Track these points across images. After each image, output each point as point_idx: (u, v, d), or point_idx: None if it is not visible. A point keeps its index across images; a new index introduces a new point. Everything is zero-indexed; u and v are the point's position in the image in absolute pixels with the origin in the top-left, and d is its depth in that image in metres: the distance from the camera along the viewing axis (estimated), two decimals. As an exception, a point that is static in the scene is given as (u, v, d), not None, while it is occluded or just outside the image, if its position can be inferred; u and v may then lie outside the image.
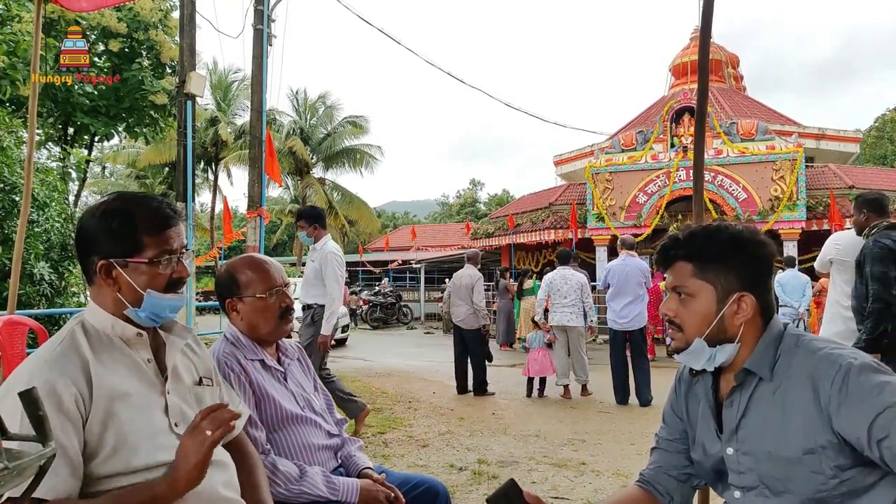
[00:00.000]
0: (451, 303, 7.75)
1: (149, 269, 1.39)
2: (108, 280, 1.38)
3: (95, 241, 1.39)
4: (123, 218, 1.38)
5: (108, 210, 1.40)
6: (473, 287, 7.44)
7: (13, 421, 0.84)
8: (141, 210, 1.40)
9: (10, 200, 6.68)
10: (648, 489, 1.52)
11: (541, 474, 4.23)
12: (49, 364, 1.27)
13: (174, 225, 1.43)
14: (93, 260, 1.39)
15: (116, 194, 1.46)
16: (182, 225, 1.47)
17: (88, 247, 1.40)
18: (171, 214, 1.44)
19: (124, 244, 1.37)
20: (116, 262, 1.37)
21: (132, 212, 1.39)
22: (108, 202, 1.42)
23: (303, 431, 1.94)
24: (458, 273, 7.79)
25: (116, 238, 1.37)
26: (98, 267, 1.38)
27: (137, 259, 1.38)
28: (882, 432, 1.14)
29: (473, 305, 7.43)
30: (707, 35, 2.66)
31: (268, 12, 9.80)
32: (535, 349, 7.30)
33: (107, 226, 1.38)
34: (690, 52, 19.97)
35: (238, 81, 27.75)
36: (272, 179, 9.70)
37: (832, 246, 3.94)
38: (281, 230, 37.92)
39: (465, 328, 7.55)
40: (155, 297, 1.39)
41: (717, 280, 1.34)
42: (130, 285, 1.38)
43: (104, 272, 1.38)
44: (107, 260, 1.37)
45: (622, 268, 6.85)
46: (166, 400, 1.40)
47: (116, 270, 1.38)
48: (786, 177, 14.39)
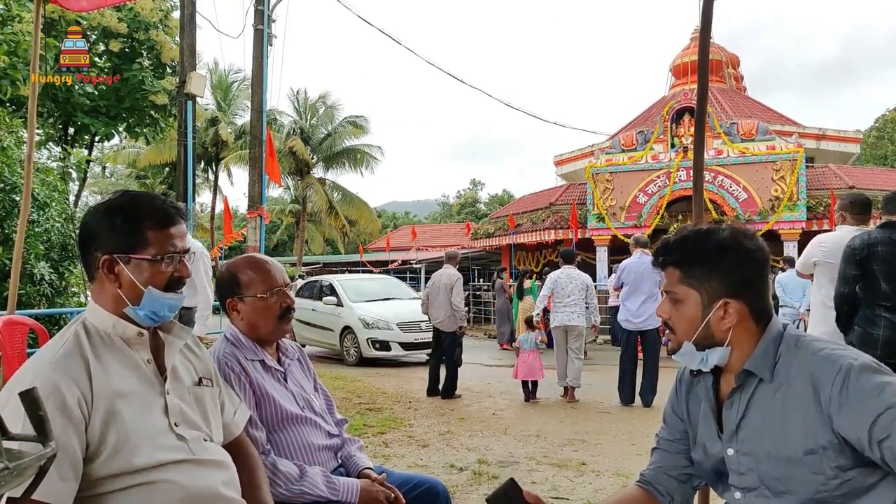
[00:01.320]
0: (430, 304, 7.58)
1: (151, 265, 1.39)
2: (109, 276, 1.39)
3: (99, 236, 1.39)
4: (129, 214, 1.39)
5: (113, 206, 1.41)
6: (452, 287, 7.31)
7: (16, 422, 0.84)
8: (146, 207, 1.41)
9: (11, 200, 6.68)
10: (649, 489, 1.52)
11: (541, 474, 4.23)
12: (52, 365, 1.28)
13: (178, 224, 1.44)
14: (96, 255, 1.39)
15: (122, 192, 1.46)
16: (185, 226, 1.48)
17: (91, 242, 1.40)
18: (176, 213, 1.45)
19: (128, 239, 1.38)
20: (119, 258, 1.38)
21: (138, 208, 1.40)
22: (113, 199, 1.43)
23: (303, 431, 1.94)
24: (437, 273, 7.66)
25: (121, 233, 1.38)
26: (101, 262, 1.38)
27: (141, 255, 1.38)
28: (883, 432, 1.14)
29: (452, 306, 7.31)
30: (707, 35, 2.66)
31: (268, 12, 9.81)
32: (525, 351, 7.09)
33: (111, 221, 1.39)
34: (690, 53, 19.97)
35: (238, 81, 27.79)
36: (272, 179, 9.71)
37: (817, 248, 3.94)
38: (281, 230, 37.96)
39: (444, 330, 7.43)
40: (155, 294, 1.39)
41: (701, 286, 1.35)
42: (132, 281, 1.38)
43: (106, 267, 1.38)
44: (110, 255, 1.38)
45: (637, 266, 6.66)
46: (166, 400, 1.40)
47: (119, 266, 1.38)
48: (786, 177, 14.39)
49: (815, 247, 3.97)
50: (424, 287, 8.44)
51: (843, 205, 4.01)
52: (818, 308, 3.97)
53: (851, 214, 3.88)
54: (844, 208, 3.96)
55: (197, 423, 1.45)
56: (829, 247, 3.84)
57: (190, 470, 1.36)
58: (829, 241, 3.91)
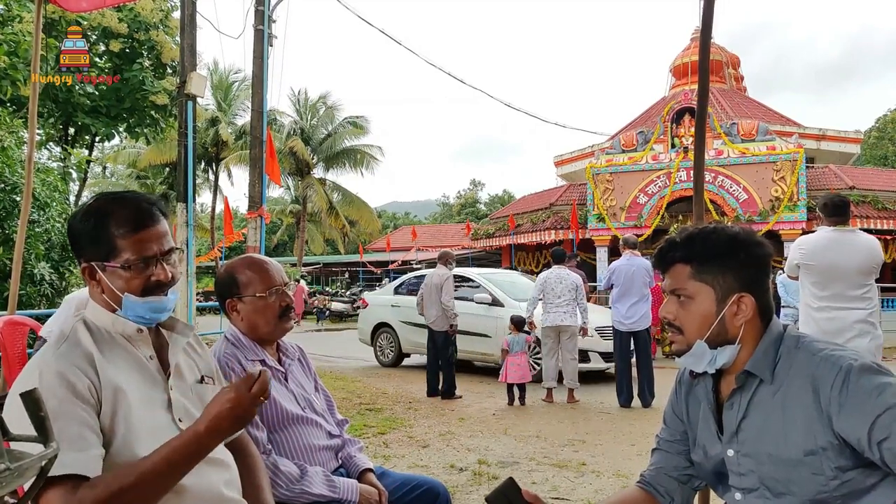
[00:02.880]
0: (424, 305, 7.56)
1: (125, 272, 1.37)
2: (92, 282, 1.40)
3: (79, 242, 1.40)
4: (98, 220, 1.37)
5: (87, 212, 1.40)
6: (442, 287, 7.30)
7: (25, 423, 0.84)
8: (117, 212, 1.38)
9: (11, 200, 6.69)
10: (649, 490, 1.52)
11: (541, 475, 4.23)
12: (56, 358, 1.29)
13: (152, 225, 1.40)
14: (80, 261, 1.41)
15: (97, 195, 1.46)
16: (164, 224, 1.43)
17: (75, 247, 1.42)
18: (149, 215, 1.40)
19: (101, 248, 1.37)
20: (97, 265, 1.38)
21: (108, 214, 1.38)
22: (88, 204, 1.42)
23: (303, 432, 1.94)
24: (429, 273, 7.64)
25: (94, 241, 1.38)
26: (83, 269, 1.40)
27: (112, 263, 1.38)
28: (883, 433, 1.14)
29: (442, 305, 7.30)
30: (707, 35, 2.66)
31: (268, 13, 9.81)
32: (514, 353, 6.86)
33: (86, 228, 1.38)
34: (691, 53, 19.99)
35: (239, 82, 27.77)
36: (272, 180, 9.71)
37: (797, 250, 3.96)
38: (281, 230, 37.97)
39: (436, 330, 7.41)
40: (132, 300, 1.38)
41: (715, 281, 1.34)
42: (110, 288, 1.38)
43: (88, 274, 1.40)
44: (89, 263, 1.39)
45: (627, 267, 6.70)
46: (169, 396, 1.41)
47: (98, 273, 1.39)
48: (786, 177, 14.40)
49: (794, 250, 4.00)
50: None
51: (818, 206, 4.11)
52: (803, 310, 4.00)
53: (825, 216, 3.94)
54: (820, 210, 4.03)
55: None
56: (808, 249, 3.87)
57: (192, 468, 1.36)
58: (807, 243, 3.94)
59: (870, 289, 3.78)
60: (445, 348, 7.35)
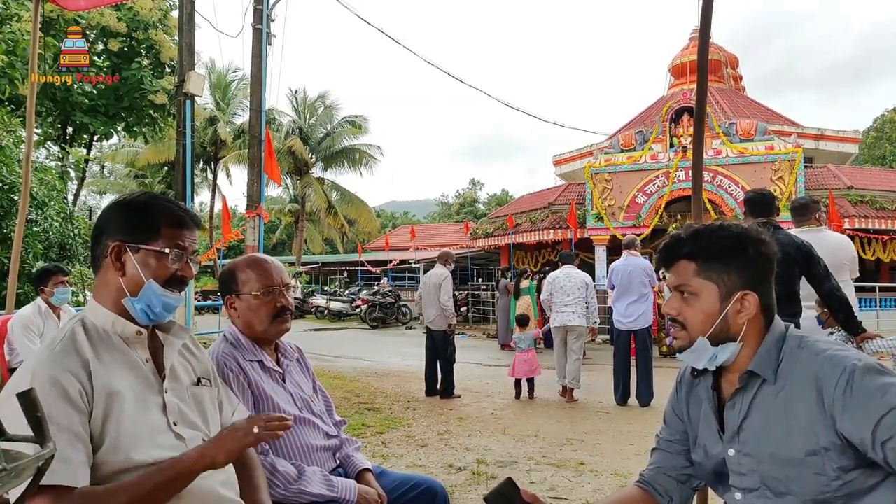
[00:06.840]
0: (423, 304, 7.59)
1: (157, 259, 1.42)
2: (115, 263, 1.41)
3: (112, 224, 1.43)
4: (146, 208, 1.45)
5: (132, 200, 1.48)
6: (440, 287, 7.31)
7: (19, 423, 0.83)
8: (164, 205, 1.47)
9: (9, 199, 6.68)
10: (648, 490, 1.52)
11: (540, 474, 4.22)
12: (50, 360, 1.29)
13: (191, 228, 1.49)
14: (106, 244, 1.42)
15: (142, 192, 1.53)
16: (196, 234, 1.52)
17: (104, 231, 1.44)
18: (193, 219, 1.51)
19: (141, 230, 1.42)
20: (129, 246, 1.41)
21: (156, 204, 1.46)
22: (133, 195, 1.50)
23: (301, 432, 1.93)
24: (428, 273, 7.64)
25: (134, 223, 1.42)
26: (110, 249, 1.41)
27: (150, 246, 1.41)
28: (886, 433, 1.14)
29: (440, 305, 7.32)
30: (706, 35, 2.66)
31: (267, 12, 9.78)
32: (523, 350, 7.15)
33: (128, 212, 1.44)
34: (690, 53, 20.01)
35: (237, 81, 27.70)
36: (271, 179, 9.68)
37: None
38: (280, 230, 37.92)
39: (435, 329, 7.42)
40: (154, 288, 1.41)
41: (720, 279, 1.34)
42: (136, 271, 1.40)
43: (114, 254, 1.41)
44: (120, 242, 1.41)
45: (624, 267, 6.78)
46: (164, 399, 1.41)
47: (126, 254, 1.41)
48: (785, 177, 14.40)
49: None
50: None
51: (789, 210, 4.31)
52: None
53: (791, 217, 4.20)
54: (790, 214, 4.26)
55: (195, 423, 1.46)
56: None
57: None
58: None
59: (843, 285, 3.75)
60: (444, 348, 7.34)
